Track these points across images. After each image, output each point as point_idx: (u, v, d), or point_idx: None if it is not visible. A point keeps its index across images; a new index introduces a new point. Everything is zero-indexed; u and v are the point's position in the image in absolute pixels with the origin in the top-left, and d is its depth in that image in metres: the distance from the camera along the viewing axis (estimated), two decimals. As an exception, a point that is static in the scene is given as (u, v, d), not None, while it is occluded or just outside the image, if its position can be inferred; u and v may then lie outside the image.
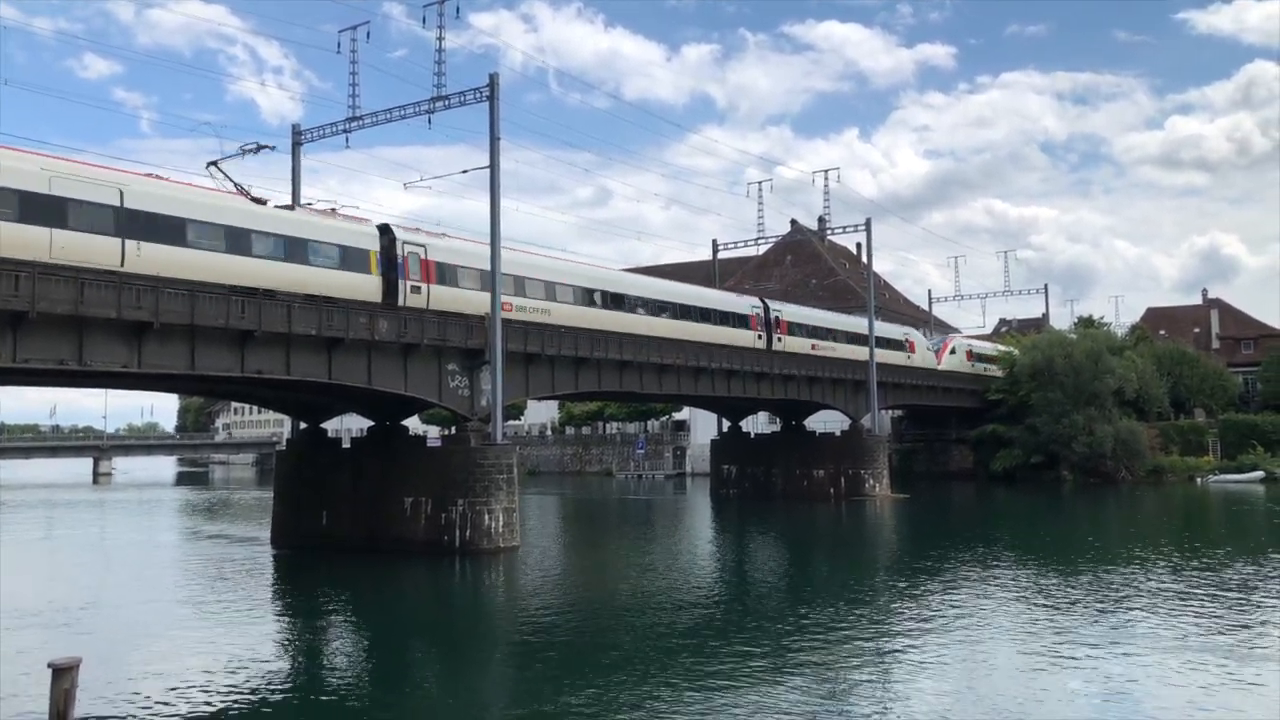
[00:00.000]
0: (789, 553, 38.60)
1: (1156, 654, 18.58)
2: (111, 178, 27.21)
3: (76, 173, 26.33)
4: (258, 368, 30.14)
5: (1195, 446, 75.33)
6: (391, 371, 34.01)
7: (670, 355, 46.06)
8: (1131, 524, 47.11)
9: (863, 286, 77.23)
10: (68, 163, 26.72)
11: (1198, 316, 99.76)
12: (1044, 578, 28.45)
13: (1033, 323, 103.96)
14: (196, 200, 29.40)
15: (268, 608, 27.09)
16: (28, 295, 24.10)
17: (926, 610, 23.68)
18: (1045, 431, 71.18)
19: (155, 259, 27.19)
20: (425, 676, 19.48)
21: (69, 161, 26.88)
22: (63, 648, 19.45)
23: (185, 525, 54.59)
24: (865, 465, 61.02)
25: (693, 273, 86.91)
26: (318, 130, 40.74)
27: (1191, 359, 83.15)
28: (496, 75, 35.81)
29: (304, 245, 31.77)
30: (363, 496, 37.53)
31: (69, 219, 25.48)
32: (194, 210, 28.86)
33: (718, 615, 24.64)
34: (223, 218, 29.65)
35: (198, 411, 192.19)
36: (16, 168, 24.91)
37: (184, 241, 28.17)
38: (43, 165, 25.59)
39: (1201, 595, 24.72)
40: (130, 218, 26.86)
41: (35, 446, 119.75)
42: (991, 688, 16.63)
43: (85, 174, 26.56)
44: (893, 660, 18.77)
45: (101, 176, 26.96)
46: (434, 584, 30.80)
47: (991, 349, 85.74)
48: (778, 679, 17.31)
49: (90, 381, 34.94)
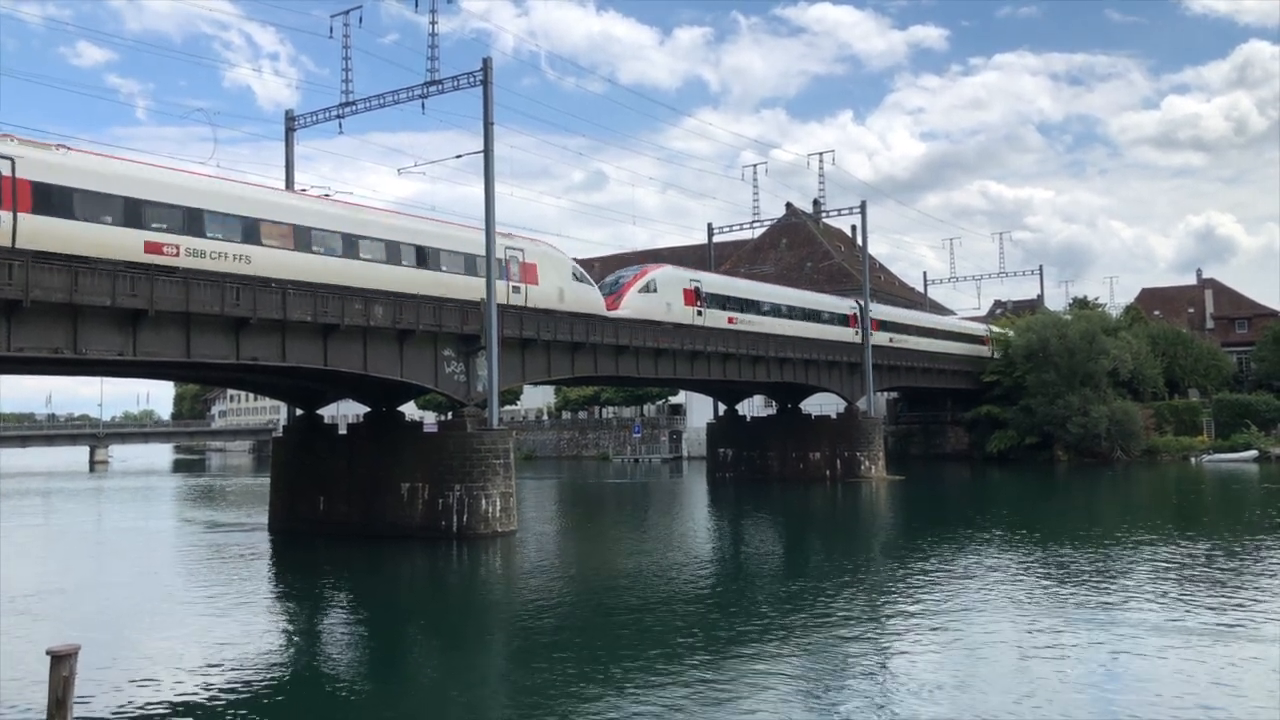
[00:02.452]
0: (785, 535, 38.75)
1: (1153, 635, 18.69)
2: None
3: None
4: (253, 354, 30.13)
5: (1189, 426, 75.65)
6: (387, 357, 34.02)
7: (665, 340, 46.12)
8: (1126, 504, 47.34)
9: (858, 269, 77.28)
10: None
11: (1192, 297, 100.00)
12: (1039, 559, 28.60)
13: (1028, 304, 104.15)
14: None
15: (265, 593, 27.16)
16: (21, 283, 24.05)
17: (922, 592, 23.81)
18: (1040, 412, 71.41)
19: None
20: (423, 661, 19.57)
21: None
22: (61, 634, 19.54)
23: (182, 512, 54.64)
24: (861, 447, 61.20)
25: (688, 256, 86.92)
26: (311, 116, 40.62)
27: (1186, 339, 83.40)
28: (490, 60, 35.69)
29: None
30: (359, 482, 37.61)
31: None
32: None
33: (714, 598, 24.76)
34: None
35: (194, 399, 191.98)
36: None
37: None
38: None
39: (1197, 575, 24.89)
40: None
41: (31, 435, 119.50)
42: (987, 670, 16.75)
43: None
44: (888, 642, 18.87)
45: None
46: (431, 569, 30.89)
47: (746, 287, 58.71)
48: (775, 660, 17.43)
49: (85, 369, 34.91)
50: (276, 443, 44.08)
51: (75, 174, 26.26)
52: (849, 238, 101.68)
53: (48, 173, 25.62)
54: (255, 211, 30.69)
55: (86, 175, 26.56)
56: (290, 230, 31.43)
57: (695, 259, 76.61)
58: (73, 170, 26.30)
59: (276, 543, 37.24)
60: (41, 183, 25.35)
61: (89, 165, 26.98)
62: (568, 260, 43.15)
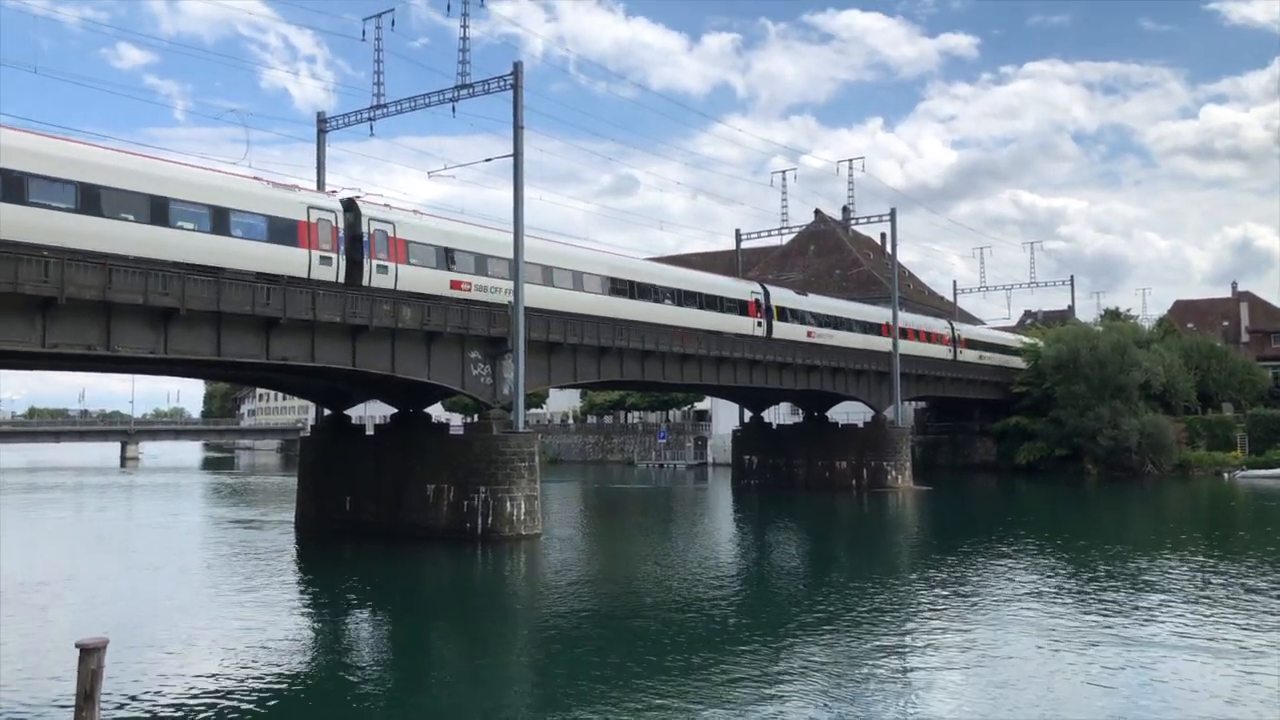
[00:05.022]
0: (811, 544, 38.53)
1: (1183, 652, 18.42)
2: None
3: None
4: (283, 354, 30.36)
5: (1223, 441, 74.47)
6: (415, 359, 34.18)
7: (692, 345, 46.02)
8: (1158, 519, 46.69)
9: (886, 277, 76.82)
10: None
11: (1227, 309, 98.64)
12: (1068, 572, 28.26)
13: (1058, 315, 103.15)
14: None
15: (291, 592, 27.34)
16: (56, 281, 24.37)
17: (948, 605, 23.58)
18: (1070, 424, 70.57)
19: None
20: (446, 663, 19.62)
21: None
22: (90, 628, 19.76)
23: (211, 509, 55.16)
24: (888, 457, 60.73)
25: (716, 262, 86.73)
26: (342, 118, 40.92)
27: (1220, 352, 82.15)
28: (520, 64, 35.79)
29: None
30: (385, 483, 37.79)
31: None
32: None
33: (738, 606, 24.65)
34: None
35: (223, 397, 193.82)
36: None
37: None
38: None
39: (1230, 593, 24.48)
40: None
41: (64, 430, 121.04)
42: (1013, 684, 16.54)
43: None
44: (913, 655, 18.71)
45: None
46: (456, 571, 30.98)
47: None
48: (799, 669, 17.31)
49: (118, 366, 35.33)
50: (304, 442, 44.41)
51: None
52: (878, 245, 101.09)
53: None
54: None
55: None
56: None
57: (723, 265, 76.44)
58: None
59: (302, 541, 37.50)
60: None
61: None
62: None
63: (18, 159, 24.67)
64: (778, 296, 53.78)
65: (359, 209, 32.86)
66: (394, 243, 33.34)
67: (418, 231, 34.48)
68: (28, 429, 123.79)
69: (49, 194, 25.12)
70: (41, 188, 24.98)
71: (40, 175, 24.99)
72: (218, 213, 28.62)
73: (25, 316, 24.81)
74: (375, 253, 32.76)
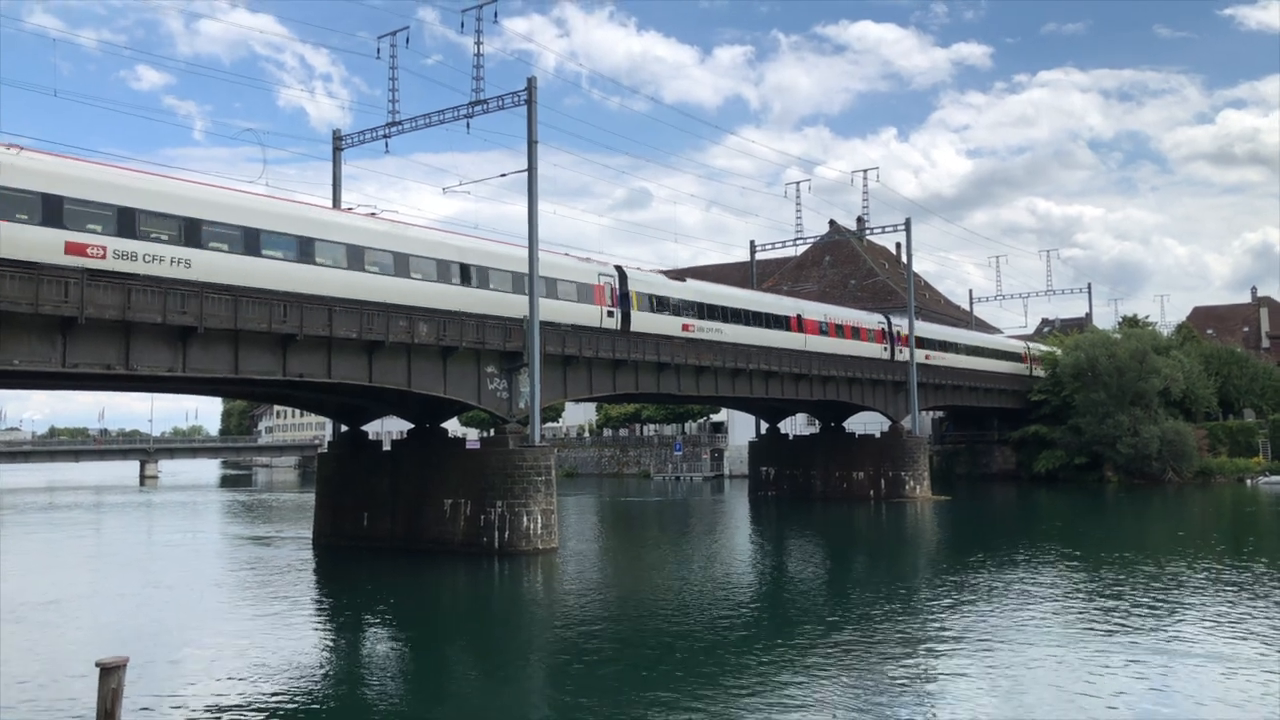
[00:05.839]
0: (829, 556, 38.32)
1: (1206, 662, 18.21)
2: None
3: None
4: (299, 371, 30.50)
5: (1244, 448, 73.88)
6: (431, 374, 34.27)
7: (707, 357, 45.96)
8: (1180, 526, 46.23)
9: (903, 287, 76.64)
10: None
11: (1246, 315, 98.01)
12: (1089, 582, 27.99)
13: (1076, 322, 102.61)
14: None
15: (310, 607, 27.37)
16: (77, 301, 24.58)
17: (968, 615, 23.39)
18: (1089, 432, 70.15)
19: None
20: (465, 678, 19.57)
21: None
22: (110, 646, 19.81)
23: (229, 526, 55.33)
24: (905, 467, 60.46)
25: (730, 274, 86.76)
26: (358, 135, 41.22)
27: (1240, 358, 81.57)
28: (534, 79, 35.95)
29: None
30: (402, 498, 37.86)
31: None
32: None
33: (756, 618, 24.52)
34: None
35: (241, 415, 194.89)
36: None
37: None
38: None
39: (1253, 602, 24.19)
40: None
41: (84, 449, 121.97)
42: (1034, 696, 16.38)
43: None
44: (931, 666, 18.55)
45: None
46: (473, 585, 30.96)
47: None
48: (818, 682, 17.19)
49: (137, 385, 35.56)
50: (321, 459, 44.54)
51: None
52: (893, 255, 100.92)
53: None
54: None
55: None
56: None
57: (738, 276, 76.43)
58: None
59: (320, 557, 37.55)
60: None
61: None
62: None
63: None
64: (639, 281, 43.94)
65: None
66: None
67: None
68: (48, 448, 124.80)
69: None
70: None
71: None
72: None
73: (46, 336, 25.04)
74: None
